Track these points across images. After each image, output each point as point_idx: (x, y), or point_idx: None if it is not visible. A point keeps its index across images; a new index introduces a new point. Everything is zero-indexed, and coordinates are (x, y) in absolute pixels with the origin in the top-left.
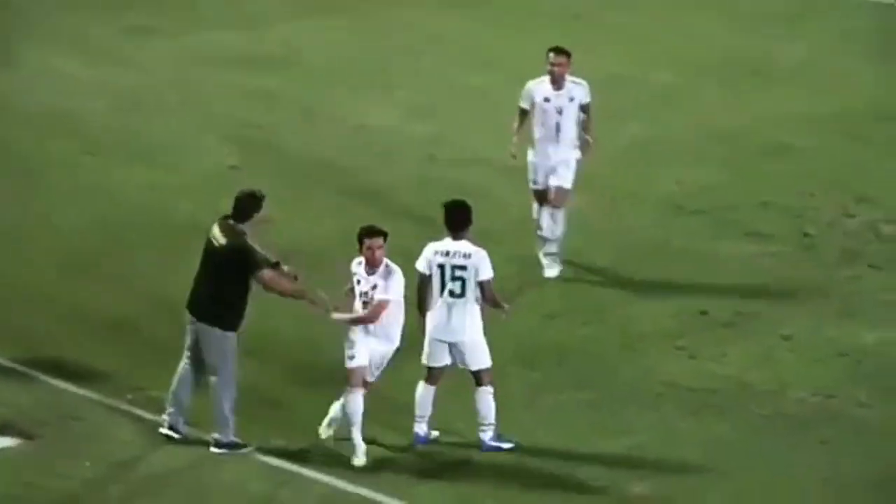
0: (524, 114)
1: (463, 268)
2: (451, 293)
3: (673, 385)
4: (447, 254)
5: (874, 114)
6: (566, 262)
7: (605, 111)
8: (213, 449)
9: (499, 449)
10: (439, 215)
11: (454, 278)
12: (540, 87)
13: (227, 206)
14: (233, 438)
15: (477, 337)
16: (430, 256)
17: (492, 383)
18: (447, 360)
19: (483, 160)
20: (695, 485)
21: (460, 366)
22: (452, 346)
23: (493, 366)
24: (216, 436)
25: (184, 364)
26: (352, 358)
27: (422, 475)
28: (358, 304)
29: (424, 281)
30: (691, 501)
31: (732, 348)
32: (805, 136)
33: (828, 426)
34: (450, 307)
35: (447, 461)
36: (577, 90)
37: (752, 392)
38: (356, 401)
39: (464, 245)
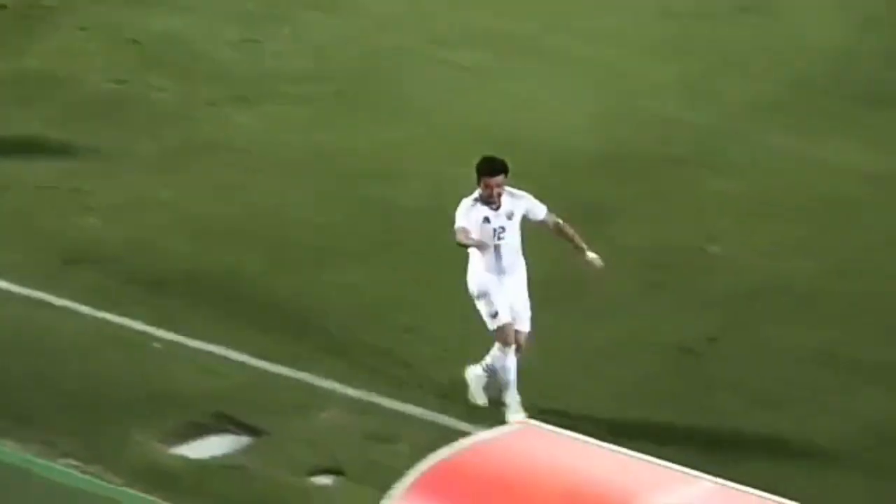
0: None
1: None
2: None
3: None
4: None
5: None
6: None
7: None
8: None
9: None
10: None
11: None
12: None
13: None
14: None
15: None
16: None
17: None
18: None
19: None
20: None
21: None
22: None
23: None
24: None
25: None
26: (494, 315)
27: None
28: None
29: None
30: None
31: (32, 42)
32: None
33: (124, 108)
34: None
35: None
36: None
37: (56, 81)
38: (510, 359)
39: None
